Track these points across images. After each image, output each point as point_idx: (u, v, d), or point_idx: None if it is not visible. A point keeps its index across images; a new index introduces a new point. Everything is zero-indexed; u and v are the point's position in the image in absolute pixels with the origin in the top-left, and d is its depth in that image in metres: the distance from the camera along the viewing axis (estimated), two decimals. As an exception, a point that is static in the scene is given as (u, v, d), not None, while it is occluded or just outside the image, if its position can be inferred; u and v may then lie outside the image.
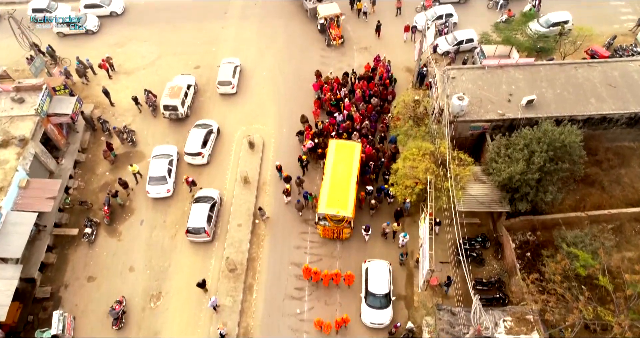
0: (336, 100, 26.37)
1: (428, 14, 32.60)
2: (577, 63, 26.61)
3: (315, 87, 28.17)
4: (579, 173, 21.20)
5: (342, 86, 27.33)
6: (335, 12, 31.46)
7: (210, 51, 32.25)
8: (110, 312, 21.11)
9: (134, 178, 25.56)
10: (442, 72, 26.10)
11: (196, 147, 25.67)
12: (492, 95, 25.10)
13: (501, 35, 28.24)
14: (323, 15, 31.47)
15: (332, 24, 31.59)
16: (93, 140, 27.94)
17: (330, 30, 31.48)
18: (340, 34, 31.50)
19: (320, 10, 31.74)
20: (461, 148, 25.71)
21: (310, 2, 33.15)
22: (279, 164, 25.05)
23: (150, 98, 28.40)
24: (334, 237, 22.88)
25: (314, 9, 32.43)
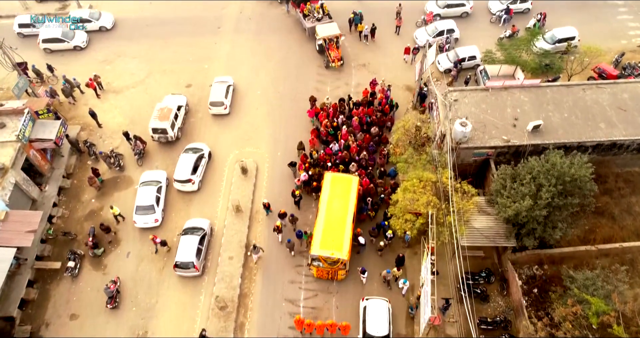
0: (333, 128, 25.07)
1: (429, 29, 31.49)
2: (585, 84, 25.44)
3: (310, 114, 26.84)
4: (590, 207, 20.02)
5: (339, 113, 26.02)
6: (335, 33, 29.96)
7: (203, 68, 31.03)
8: (105, 291, 21.49)
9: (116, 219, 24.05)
10: (444, 94, 25.00)
11: (186, 173, 24.47)
12: (497, 119, 23.93)
13: (505, 54, 27.06)
14: (322, 36, 29.99)
15: (331, 45, 30.10)
16: (79, 165, 26.72)
17: (329, 52, 30.01)
18: (340, 56, 30.04)
19: (319, 30, 30.26)
20: (464, 174, 24.69)
21: (309, 22, 31.67)
22: (266, 202, 23.59)
23: (138, 145, 26.07)
24: (329, 278, 21.67)
25: (313, 29, 31.04)
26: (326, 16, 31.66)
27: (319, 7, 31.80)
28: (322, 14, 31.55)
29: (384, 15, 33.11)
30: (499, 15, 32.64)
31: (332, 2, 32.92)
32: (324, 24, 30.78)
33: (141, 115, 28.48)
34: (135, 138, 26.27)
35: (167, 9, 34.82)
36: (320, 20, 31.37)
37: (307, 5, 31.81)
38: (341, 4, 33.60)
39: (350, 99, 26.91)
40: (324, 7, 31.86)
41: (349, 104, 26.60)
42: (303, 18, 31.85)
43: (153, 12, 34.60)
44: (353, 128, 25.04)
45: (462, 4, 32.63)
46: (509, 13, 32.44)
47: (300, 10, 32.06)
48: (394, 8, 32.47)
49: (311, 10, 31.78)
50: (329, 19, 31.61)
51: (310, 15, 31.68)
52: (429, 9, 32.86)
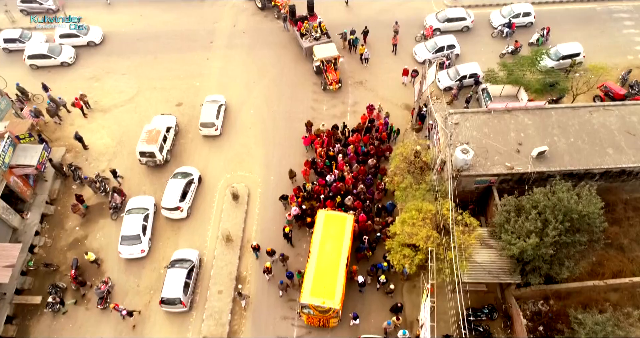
0: (328, 158, 23.72)
1: (428, 44, 30.37)
2: (592, 106, 24.33)
3: (305, 141, 25.49)
4: (599, 244, 18.90)
5: (336, 141, 24.72)
6: (333, 55, 28.39)
7: (194, 86, 29.91)
8: (95, 291, 21.36)
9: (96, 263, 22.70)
10: (444, 117, 23.91)
11: (174, 200, 23.35)
12: (500, 144, 22.83)
13: (507, 74, 25.90)
14: (319, 58, 28.47)
15: (328, 66, 28.53)
16: (63, 189, 25.60)
17: (327, 74, 28.41)
18: (338, 78, 28.47)
19: (317, 51, 28.73)
20: (465, 201, 23.63)
21: (306, 41, 30.22)
22: (255, 244, 22.15)
23: (115, 199, 23.53)
24: (320, 326, 20.31)
25: (310, 49, 29.60)
26: (324, 35, 30.27)
27: (317, 25, 30.42)
28: (320, 33, 30.18)
29: (380, 29, 32.06)
30: (501, 29, 31.54)
31: (330, 20, 31.72)
32: (321, 45, 29.30)
33: (129, 136, 27.39)
34: (114, 190, 24.02)
35: (158, 22, 33.71)
36: (318, 39, 29.95)
37: (305, 24, 30.45)
38: (339, 22, 32.39)
39: (345, 127, 25.50)
40: (322, 25, 30.45)
41: (344, 132, 25.27)
42: (300, 37, 30.46)
43: (144, 26, 33.50)
44: (349, 158, 23.78)
45: (463, 18, 31.51)
46: (511, 27, 31.35)
47: (298, 28, 30.67)
48: (391, 23, 31.41)
49: (309, 29, 30.39)
50: (327, 39, 30.19)
51: (308, 34, 30.28)
52: (429, 23, 31.75)
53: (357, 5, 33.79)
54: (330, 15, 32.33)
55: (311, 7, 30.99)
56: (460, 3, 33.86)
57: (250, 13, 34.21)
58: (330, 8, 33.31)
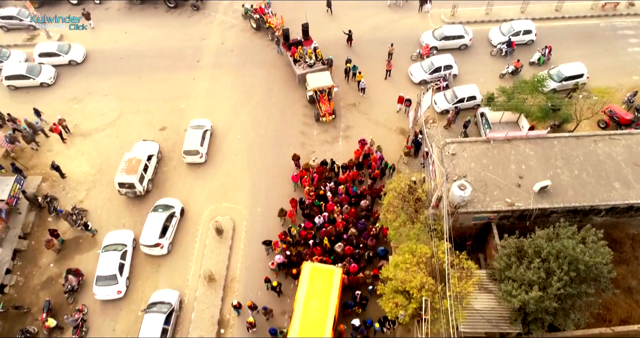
0: (319, 197, 22.17)
1: (424, 64, 29.00)
2: (597, 135, 22.91)
3: (294, 178, 23.88)
4: (607, 293, 17.54)
5: (327, 180, 23.07)
6: (327, 85, 26.58)
7: (179, 108, 28.53)
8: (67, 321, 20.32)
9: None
10: (440, 147, 22.56)
11: (153, 237, 21.97)
12: (499, 177, 21.45)
13: (508, 97, 24.53)
14: (312, 88, 26.63)
15: (322, 96, 26.74)
16: (38, 222, 24.20)
17: (320, 105, 26.65)
18: (332, 110, 26.78)
19: (310, 80, 26.89)
20: (463, 236, 22.29)
21: (300, 68, 28.49)
22: (237, 303, 20.27)
23: (70, 280, 20.98)
24: None
25: (303, 76, 27.88)
26: (319, 62, 28.59)
27: (312, 51, 28.79)
28: (314, 59, 28.53)
29: (373, 47, 30.74)
30: (500, 47, 30.22)
31: (321, 39, 30.28)
32: (315, 73, 27.43)
33: (110, 163, 26.00)
34: (69, 271, 21.44)
35: (143, 39, 32.36)
36: (312, 66, 28.23)
37: (299, 50, 28.80)
38: (330, 40, 31.07)
39: (334, 163, 23.87)
40: (318, 51, 28.80)
41: (334, 168, 23.66)
42: (293, 63, 28.75)
43: (128, 44, 32.12)
44: (340, 199, 22.16)
45: (461, 36, 30.15)
46: (510, 45, 30.02)
47: (291, 54, 28.95)
48: (385, 41, 30.08)
49: (302, 55, 28.73)
50: (322, 65, 28.49)
51: (302, 60, 28.65)
52: (425, 41, 30.39)
53: (350, 22, 32.44)
54: (321, 34, 30.90)
55: (306, 30, 29.34)
56: (458, 19, 32.62)
57: (239, 29, 32.86)
58: (321, 26, 31.92)
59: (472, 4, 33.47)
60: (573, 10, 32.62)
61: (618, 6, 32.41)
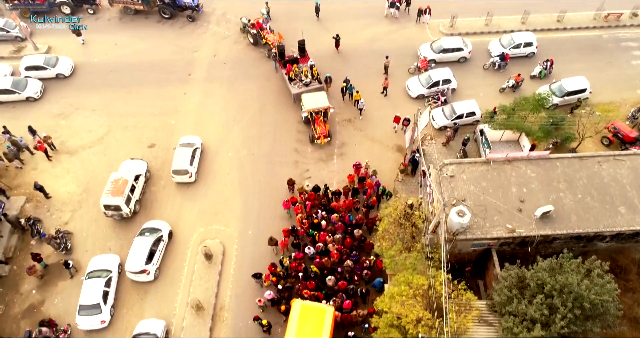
0: (313, 226, 21.11)
1: (422, 78, 28.12)
2: (601, 156, 22.00)
3: (285, 205, 22.84)
4: (613, 329, 16.66)
5: (321, 207, 21.91)
6: (323, 106, 25.40)
7: (169, 124, 27.63)
8: None
9: None
10: (438, 169, 21.68)
11: (139, 263, 21.09)
12: (500, 201, 20.56)
13: (508, 115, 23.64)
14: (307, 109, 25.55)
15: (317, 118, 25.54)
16: (21, 246, 23.30)
17: (315, 126, 25.48)
18: (327, 132, 25.53)
19: (305, 101, 25.73)
20: (462, 262, 21.43)
21: (295, 86, 27.36)
22: None
23: (45, 332, 19.42)
24: None
25: (299, 95, 26.81)
26: (315, 80, 27.51)
27: (307, 70, 27.71)
28: (310, 78, 27.44)
29: (369, 59, 29.86)
30: (494, 61, 29.27)
31: (314, 51, 29.33)
32: (311, 94, 26.35)
33: (96, 183, 25.09)
34: (42, 323, 19.96)
35: (133, 51, 31.45)
36: (308, 85, 27.13)
37: (294, 68, 27.71)
38: (324, 53, 30.22)
39: (327, 189, 22.83)
40: (314, 70, 27.67)
41: (327, 193, 22.62)
42: (289, 82, 27.64)
43: (118, 56, 31.21)
44: (335, 227, 21.06)
45: (460, 49, 29.26)
46: (504, 59, 29.09)
47: (287, 72, 27.86)
48: (382, 54, 29.18)
49: (298, 73, 27.67)
50: (318, 84, 27.43)
51: (297, 79, 27.58)
52: (423, 54, 29.51)
53: (345, 34, 31.56)
54: (314, 46, 29.98)
55: (302, 47, 28.36)
56: (457, 30, 31.73)
57: (233, 41, 31.97)
58: (315, 38, 30.95)
59: (472, 15, 32.64)
60: (575, 21, 31.75)
61: (621, 17, 31.54)
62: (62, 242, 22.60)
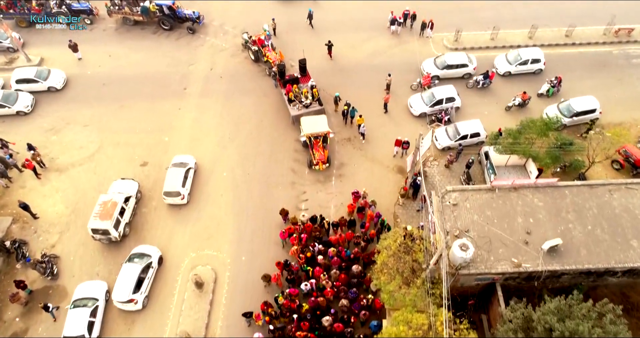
0: (307, 261, 20.07)
1: (425, 96, 27.11)
2: (612, 184, 20.93)
3: (282, 235, 21.76)
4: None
5: (316, 240, 20.85)
6: (323, 131, 24.36)
7: (162, 141, 26.72)
8: None
9: None
10: (441, 196, 20.68)
11: (127, 292, 20.18)
12: (505, 232, 19.54)
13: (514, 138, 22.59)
14: (306, 133, 24.49)
15: (316, 142, 24.42)
16: (5, 269, 22.41)
17: (313, 152, 24.39)
18: (326, 158, 24.38)
19: (304, 125, 24.63)
20: (465, 295, 20.45)
21: (294, 108, 26.21)
22: None
23: None
24: None
25: (298, 117, 25.82)
26: (316, 102, 26.33)
27: (307, 91, 26.64)
28: (311, 99, 26.31)
29: (370, 74, 28.86)
30: (477, 79, 28.14)
31: (311, 66, 28.28)
32: (311, 117, 25.25)
33: (86, 203, 24.21)
34: None
35: (128, 63, 30.58)
36: (308, 106, 26.03)
37: (294, 88, 26.63)
38: (322, 67, 29.31)
39: (323, 220, 21.74)
40: (314, 91, 26.61)
41: (323, 224, 21.56)
42: (288, 103, 26.55)
43: (111, 68, 30.32)
44: (331, 262, 20.01)
45: (464, 65, 28.23)
46: (488, 77, 27.96)
47: (286, 92, 26.72)
48: (384, 69, 28.28)
49: (298, 94, 26.58)
50: (319, 106, 26.25)
51: (297, 100, 26.46)
52: (426, 70, 28.50)
53: (346, 48, 30.68)
54: (314, 60, 29.04)
55: (303, 67, 27.33)
56: (461, 45, 30.69)
57: (230, 53, 31.04)
58: (313, 51, 29.90)
59: (477, 28, 31.62)
60: (584, 36, 30.68)
61: (633, 32, 30.44)
62: (48, 266, 21.72)
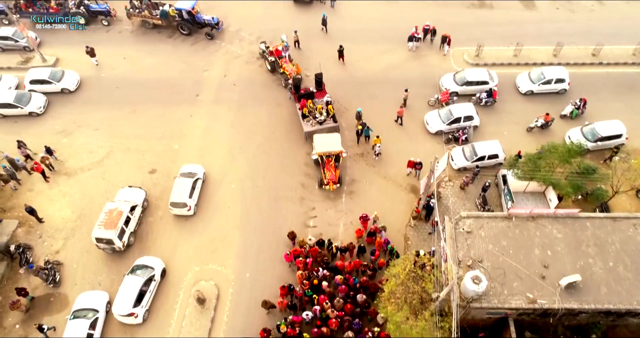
0: (311, 288, 19.34)
1: (442, 113, 26.24)
2: (637, 218, 19.93)
3: (287, 258, 21.09)
4: None
5: (323, 265, 19.97)
6: (335, 150, 23.48)
7: (172, 149, 26.34)
8: None
9: None
10: (455, 222, 19.87)
11: (127, 305, 19.77)
12: (521, 265, 18.65)
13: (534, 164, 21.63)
14: (318, 152, 23.67)
15: (328, 161, 23.51)
16: (9, 274, 22.25)
17: (324, 171, 23.48)
18: (337, 178, 23.47)
19: (317, 143, 23.69)
20: (476, 327, 19.61)
21: (308, 124, 25.41)
22: None
23: None
24: None
25: (311, 134, 25.09)
26: (330, 119, 25.58)
27: (322, 107, 25.89)
28: (325, 115, 25.55)
29: (385, 88, 28.12)
30: (480, 96, 27.15)
31: (325, 77, 27.27)
32: (324, 135, 24.38)
33: (92, 209, 23.94)
34: None
35: (142, 67, 30.30)
36: (322, 123, 25.25)
37: (308, 103, 25.86)
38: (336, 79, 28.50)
39: (330, 244, 21.00)
40: (330, 107, 25.82)
41: (331, 249, 20.83)
42: (302, 118, 25.83)
43: (126, 71, 30.08)
44: (338, 290, 19.21)
45: (485, 82, 27.27)
46: (492, 95, 26.94)
47: (300, 107, 26.06)
48: (400, 84, 27.51)
49: (312, 110, 25.82)
50: (333, 123, 25.50)
51: (310, 116, 25.72)
52: (445, 86, 27.65)
53: (363, 59, 29.95)
54: (328, 71, 28.11)
55: (319, 81, 26.53)
56: (483, 60, 29.71)
57: (245, 60, 30.57)
58: (329, 61, 29.30)
59: (500, 43, 30.64)
60: (612, 56, 29.47)
61: (664, 53, 29.23)
62: (51, 274, 21.47)
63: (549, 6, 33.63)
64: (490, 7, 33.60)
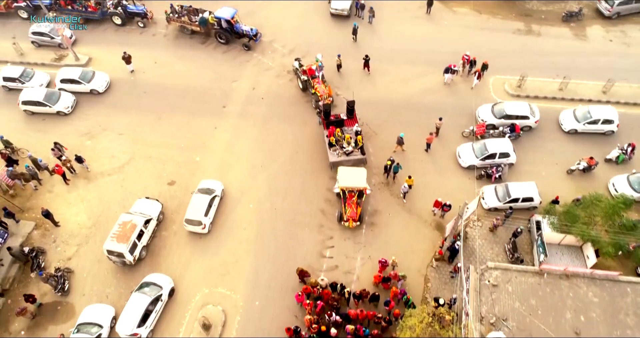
0: (319, 333, 18.25)
1: (476, 147, 24.78)
2: (685, 287, 18.29)
3: (298, 298, 20.01)
4: None
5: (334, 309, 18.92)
6: (359, 186, 22.23)
7: (193, 161, 25.81)
8: None
9: None
10: (480, 272, 18.55)
11: (131, 325, 19.27)
12: (549, 328, 17.21)
13: (571, 221, 19.94)
14: (341, 186, 22.49)
15: (350, 196, 22.30)
16: (20, 277, 22.17)
17: (345, 207, 22.30)
18: (357, 216, 22.16)
19: (340, 176, 22.52)
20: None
21: (334, 153, 24.25)
22: None
23: None
24: None
25: (336, 165, 23.98)
26: (358, 150, 24.33)
27: (350, 137, 24.71)
28: (353, 146, 24.30)
29: (418, 114, 26.79)
30: (503, 131, 25.45)
31: (356, 99, 26.01)
32: (349, 168, 23.22)
33: (108, 216, 23.68)
34: None
35: (171, 73, 29.95)
36: (349, 154, 24.03)
37: (336, 132, 24.74)
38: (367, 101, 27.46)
39: (343, 288, 19.81)
40: (359, 138, 24.47)
41: (343, 293, 19.71)
42: (328, 147, 24.57)
43: (155, 76, 29.78)
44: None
45: (525, 117, 25.62)
46: (514, 130, 25.23)
47: (328, 134, 24.78)
48: (434, 110, 26.23)
49: (340, 139, 24.68)
50: (360, 155, 24.21)
51: (337, 145, 24.56)
52: (481, 117, 26.16)
53: (396, 80, 28.73)
54: (360, 92, 27.12)
55: (351, 109, 25.28)
56: (525, 92, 27.99)
57: (275, 74, 29.79)
58: (361, 81, 28.39)
59: (545, 74, 28.85)
60: (668, 98, 27.38)
61: None
62: (60, 282, 21.24)
63: (602, 37, 31.58)
64: (538, 34, 31.79)
